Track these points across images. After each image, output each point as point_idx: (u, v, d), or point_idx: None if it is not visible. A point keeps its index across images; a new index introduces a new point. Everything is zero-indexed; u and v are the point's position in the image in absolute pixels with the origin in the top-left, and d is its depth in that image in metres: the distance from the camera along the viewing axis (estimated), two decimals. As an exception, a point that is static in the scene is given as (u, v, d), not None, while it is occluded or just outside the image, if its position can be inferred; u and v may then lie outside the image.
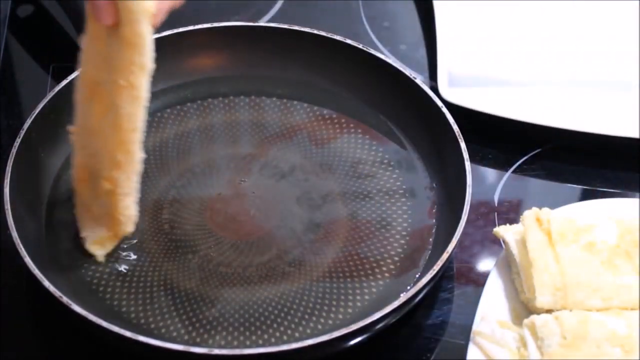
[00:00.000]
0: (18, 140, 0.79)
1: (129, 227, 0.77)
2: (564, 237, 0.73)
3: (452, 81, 0.94)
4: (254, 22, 0.95)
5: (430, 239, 0.79)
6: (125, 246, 0.78)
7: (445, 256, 0.72)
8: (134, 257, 0.78)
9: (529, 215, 0.75)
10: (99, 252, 0.77)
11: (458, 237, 0.74)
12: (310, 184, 0.84)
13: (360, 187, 0.84)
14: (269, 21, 1.03)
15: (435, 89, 0.89)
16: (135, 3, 0.67)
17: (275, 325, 0.73)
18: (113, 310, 0.74)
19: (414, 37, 1.04)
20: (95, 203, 0.76)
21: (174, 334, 0.72)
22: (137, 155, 0.74)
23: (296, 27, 0.91)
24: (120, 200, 0.75)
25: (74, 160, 0.77)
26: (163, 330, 0.73)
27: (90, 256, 0.77)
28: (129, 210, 0.76)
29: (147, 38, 0.68)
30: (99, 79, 0.71)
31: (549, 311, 0.71)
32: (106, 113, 0.72)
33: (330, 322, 0.74)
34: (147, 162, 0.77)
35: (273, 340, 0.72)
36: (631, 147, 0.89)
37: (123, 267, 0.77)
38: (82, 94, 0.73)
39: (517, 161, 0.90)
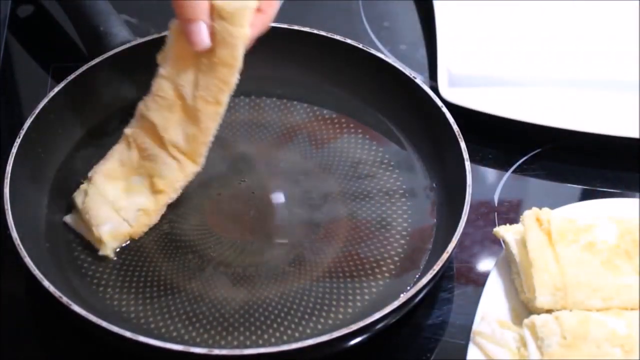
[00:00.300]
0: (18, 140, 0.80)
1: (147, 228, 0.79)
2: (564, 237, 0.73)
3: (452, 81, 0.94)
4: (254, 22, 0.95)
5: (430, 239, 0.79)
6: (125, 246, 0.78)
7: (445, 256, 0.72)
8: (134, 257, 0.78)
9: (529, 215, 0.75)
10: (112, 244, 0.77)
11: (458, 237, 0.74)
12: (310, 184, 0.84)
13: (360, 187, 0.84)
14: (268, 21, 1.03)
15: (435, 89, 0.89)
16: (237, 29, 0.73)
17: (275, 325, 0.73)
18: (113, 310, 0.74)
19: (414, 37, 1.04)
20: (128, 200, 0.78)
21: (174, 334, 0.72)
22: (200, 165, 0.79)
23: (296, 27, 0.91)
24: (167, 202, 0.79)
25: (114, 157, 0.79)
26: (163, 330, 0.73)
27: (91, 253, 0.77)
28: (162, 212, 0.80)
29: (241, 60, 0.75)
30: (183, 94, 0.76)
31: (549, 311, 0.71)
32: (182, 124, 0.77)
33: (330, 322, 0.74)
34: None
35: (273, 340, 0.72)
36: (631, 147, 0.89)
37: (123, 267, 0.77)
38: (158, 105, 0.78)
39: (517, 161, 0.90)
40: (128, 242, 0.78)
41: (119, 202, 0.78)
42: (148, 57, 0.87)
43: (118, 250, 0.78)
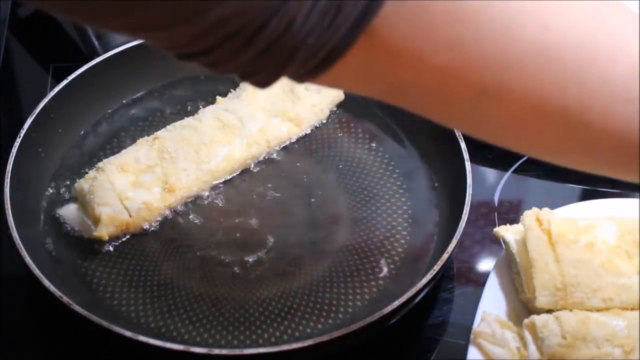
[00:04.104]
0: (18, 140, 0.80)
1: (145, 223, 0.79)
2: (564, 237, 0.73)
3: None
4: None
5: (431, 239, 0.79)
6: (125, 246, 0.78)
7: (445, 256, 0.72)
8: (134, 257, 0.78)
9: (529, 215, 0.75)
10: (107, 227, 0.77)
11: (458, 237, 0.74)
12: (310, 184, 0.84)
13: (361, 186, 0.84)
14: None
15: (435, 89, 0.89)
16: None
17: (275, 325, 0.73)
18: (113, 310, 0.74)
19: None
20: (134, 193, 0.79)
21: (174, 333, 0.72)
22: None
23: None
24: (172, 203, 0.80)
25: (130, 153, 0.81)
26: (163, 330, 0.73)
27: (92, 253, 0.77)
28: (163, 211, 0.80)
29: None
30: (248, 128, 0.86)
31: (549, 311, 0.71)
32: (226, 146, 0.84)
33: (330, 322, 0.74)
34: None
35: (273, 340, 0.72)
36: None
37: (123, 267, 0.77)
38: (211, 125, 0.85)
39: (517, 161, 0.90)
40: (127, 237, 0.79)
41: (125, 193, 0.79)
42: (148, 57, 0.87)
43: (117, 250, 0.78)
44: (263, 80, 0.46)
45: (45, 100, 0.83)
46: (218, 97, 0.88)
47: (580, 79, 0.44)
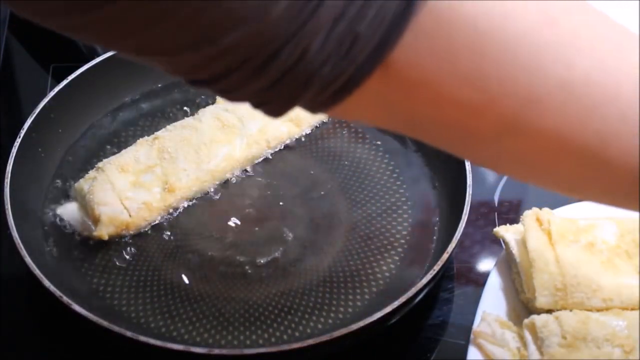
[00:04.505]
0: (18, 140, 0.80)
1: (145, 223, 0.79)
2: (564, 237, 0.73)
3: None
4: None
5: (431, 239, 0.79)
6: (125, 246, 0.78)
7: (445, 256, 0.72)
8: (134, 257, 0.78)
9: (529, 215, 0.75)
10: (107, 227, 0.77)
11: (458, 237, 0.74)
12: (310, 184, 0.84)
13: (360, 187, 0.84)
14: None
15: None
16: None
17: (275, 325, 0.73)
18: (113, 310, 0.74)
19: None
20: (134, 193, 0.79)
21: (174, 333, 0.72)
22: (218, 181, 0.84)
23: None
24: (172, 203, 0.80)
25: (130, 153, 0.81)
26: (163, 330, 0.73)
27: (91, 253, 0.77)
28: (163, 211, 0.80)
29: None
30: (247, 128, 0.86)
31: (549, 311, 0.71)
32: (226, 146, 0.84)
33: (330, 322, 0.74)
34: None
35: (273, 340, 0.72)
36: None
37: (123, 267, 0.77)
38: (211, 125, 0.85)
39: (517, 161, 0.90)
40: (127, 237, 0.79)
41: (125, 193, 0.79)
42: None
43: (117, 250, 0.78)
44: (276, 110, 0.45)
45: (45, 100, 0.83)
46: (218, 97, 0.88)
47: (601, 116, 0.44)
